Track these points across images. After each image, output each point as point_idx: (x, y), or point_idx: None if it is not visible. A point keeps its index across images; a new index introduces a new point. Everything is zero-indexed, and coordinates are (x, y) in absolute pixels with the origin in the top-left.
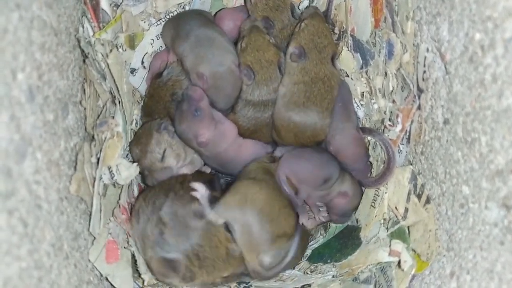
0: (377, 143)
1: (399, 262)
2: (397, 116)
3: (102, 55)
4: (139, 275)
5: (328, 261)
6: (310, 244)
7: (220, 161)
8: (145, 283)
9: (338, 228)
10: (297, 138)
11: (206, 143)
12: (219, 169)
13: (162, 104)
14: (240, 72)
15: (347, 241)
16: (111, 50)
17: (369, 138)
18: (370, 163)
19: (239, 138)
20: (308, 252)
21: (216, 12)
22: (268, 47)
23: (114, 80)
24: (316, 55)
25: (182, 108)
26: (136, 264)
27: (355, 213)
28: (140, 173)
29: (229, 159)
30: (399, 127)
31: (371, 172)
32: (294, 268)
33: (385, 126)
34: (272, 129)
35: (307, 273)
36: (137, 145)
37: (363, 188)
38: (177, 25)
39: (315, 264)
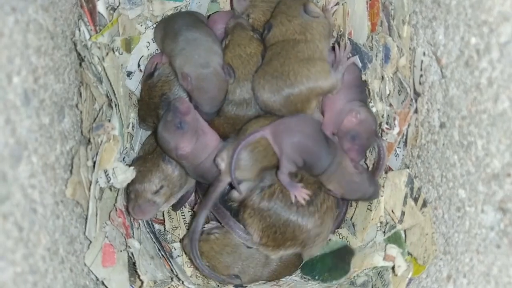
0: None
1: (393, 267)
2: (394, 119)
3: (99, 59)
4: (138, 276)
5: (316, 277)
6: None
7: (198, 171)
8: (144, 285)
9: (338, 245)
10: (285, 102)
11: (185, 156)
12: (197, 179)
13: (153, 105)
14: (224, 73)
15: (338, 263)
16: (107, 54)
17: None
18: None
19: (218, 147)
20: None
21: (210, 15)
22: (250, 41)
23: (111, 83)
24: (281, 18)
25: (167, 118)
26: (133, 268)
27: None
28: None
29: (206, 169)
30: (396, 129)
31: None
32: (291, 275)
33: (382, 130)
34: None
35: (304, 278)
36: (141, 165)
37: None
38: (167, 25)
39: (305, 277)
